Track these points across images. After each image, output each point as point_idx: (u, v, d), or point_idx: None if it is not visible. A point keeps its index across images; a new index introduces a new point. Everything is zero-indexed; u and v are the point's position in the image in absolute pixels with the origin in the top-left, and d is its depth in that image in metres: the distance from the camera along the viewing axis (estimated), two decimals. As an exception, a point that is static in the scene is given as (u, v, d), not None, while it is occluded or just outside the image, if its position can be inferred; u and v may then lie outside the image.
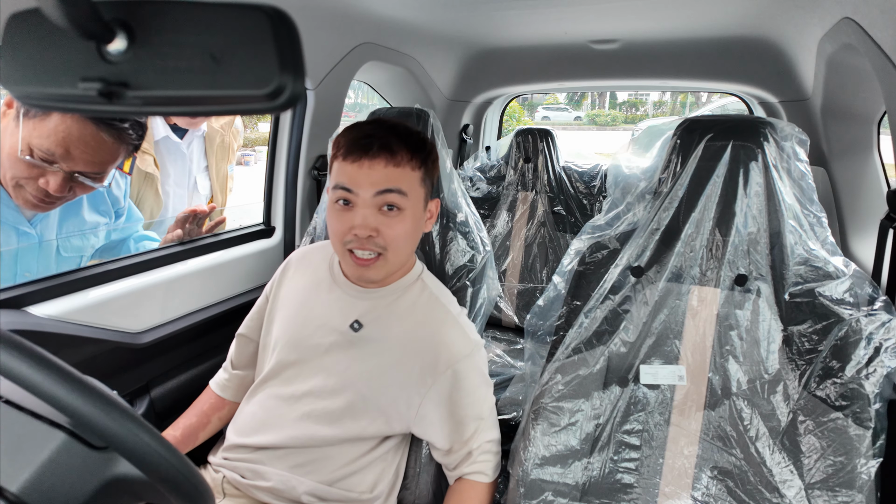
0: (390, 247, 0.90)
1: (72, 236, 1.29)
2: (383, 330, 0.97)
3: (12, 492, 0.46)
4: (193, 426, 1.07)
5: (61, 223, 1.26)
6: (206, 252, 1.34)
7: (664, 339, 1.07)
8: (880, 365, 0.91)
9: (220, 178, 2.10)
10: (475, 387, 0.98)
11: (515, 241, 2.21)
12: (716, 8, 1.37)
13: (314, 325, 0.99)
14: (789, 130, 1.06)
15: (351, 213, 0.89)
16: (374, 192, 0.87)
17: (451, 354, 0.95)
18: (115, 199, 1.38)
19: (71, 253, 1.30)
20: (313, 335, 0.99)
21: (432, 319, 0.98)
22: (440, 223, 1.26)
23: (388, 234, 0.89)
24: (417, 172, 0.92)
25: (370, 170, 0.87)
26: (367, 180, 0.87)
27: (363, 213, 0.87)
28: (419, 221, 0.95)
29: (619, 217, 1.18)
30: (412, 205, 0.91)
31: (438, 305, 1.00)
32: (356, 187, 0.88)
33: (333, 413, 0.96)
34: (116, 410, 0.50)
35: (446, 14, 1.49)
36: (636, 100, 24.59)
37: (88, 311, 1.04)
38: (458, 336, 0.97)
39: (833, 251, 1.03)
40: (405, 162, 0.89)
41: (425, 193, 0.95)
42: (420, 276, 1.03)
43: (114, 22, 0.37)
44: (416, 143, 0.92)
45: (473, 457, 0.98)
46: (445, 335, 0.96)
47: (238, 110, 0.39)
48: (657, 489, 1.01)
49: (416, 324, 0.97)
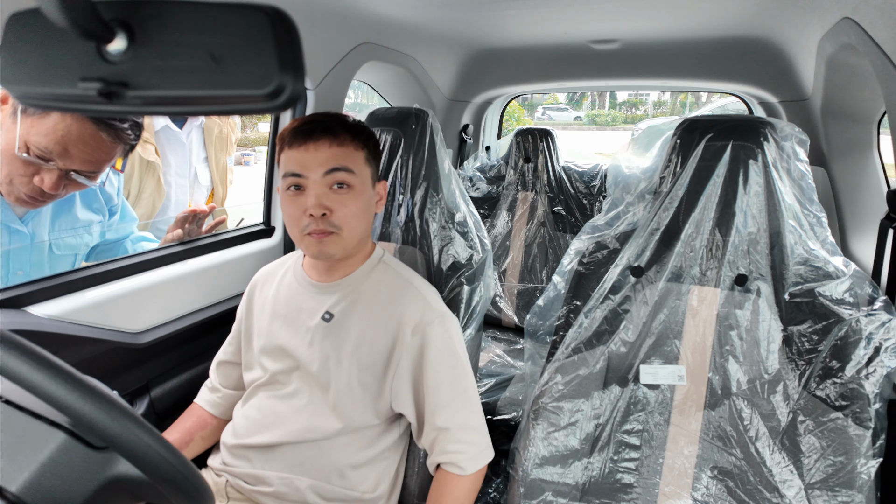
0: (344, 225, 0.93)
1: (65, 235, 1.29)
2: (353, 315, 0.99)
3: (12, 492, 0.46)
4: (176, 443, 1.07)
5: (54, 221, 1.26)
6: (206, 252, 1.34)
7: (664, 338, 1.07)
8: (880, 365, 0.91)
9: (220, 169, 2.11)
10: (440, 358, 0.97)
11: (515, 241, 2.21)
12: (716, 8, 1.37)
13: (291, 329, 1.02)
14: (789, 130, 1.06)
15: (303, 196, 0.92)
16: (322, 171, 0.91)
17: (414, 323, 0.96)
18: (108, 196, 1.38)
19: (64, 251, 1.29)
20: (292, 338, 1.01)
21: (395, 294, 1.00)
22: (439, 223, 1.26)
23: (341, 211, 0.92)
24: (361, 152, 0.96)
25: (316, 151, 0.91)
26: (314, 161, 0.91)
27: (315, 194, 0.91)
28: (369, 200, 0.98)
29: (619, 217, 1.18)
30: (360, 182, 0.95)
31: (400, 279, 1.02)
32: (305, 170, 0.91)
33: (327, 404, 0.98)
34: (116, 411, 0.50)
35: (446, 14, 1.49)
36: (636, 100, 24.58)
37: (88, 311, 1.04)
38: (420, 305, 0.98)
39: (833, 251, 1.03)
40: (348, 142, 0.93)
41: (371, 173, 0.99)
42: (381, 259, 1.06)
43: (114, 22, 0.37)
44: (356, 126, 0.97)
45: (443, 444, 0.97)
46: (407, 305, 0.98)
47: (238, 110, 0.39)
48: (657, 489, 1.01)
49: (381, 301, 0.99)
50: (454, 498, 0.96)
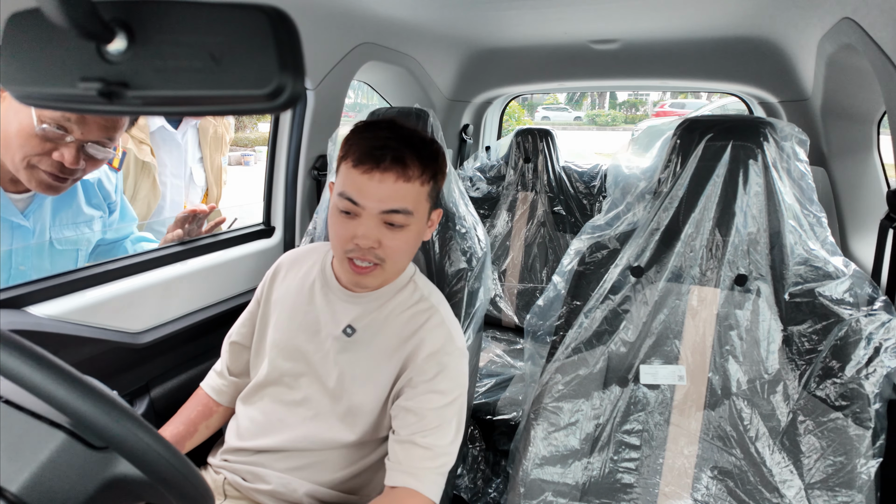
0: (389, 258, 0.90)
1: (65, 228, 1.28)
2: (375, 333, 0.96)
3: (12, 492, 0.46)
4: (181, 434, 1.05)
5: (55, 216, 1.26)
6: (206, 252, 1.34)
7: (664, 339, 1.07)
8: (880, 365, 0.91)
9: (215, 169, 2.11)
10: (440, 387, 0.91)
11: (515, 241, 2.21)
12: (716, 8, 1.37)
13: (309, 331, 0.99)
14: (789, 130, 1.06)
15: (354, 222, 0.87)
16: (380, 209, 0.85)
17: (431, 351, 0.92)
18: (107, 192, 1.38)
19: (66, 246, 1.29)
20: (309, 341, 0.98)
21: (419, 318, 0.96)
22: (441, 223, 1.26)
23: (390, 246, 0.88)
24: (426, 187, 0.90)
25: (380, 184, 0.84)
26: (375, 195, 0.85)
27: (367, 225, 0.86)
28: (421, 232, 0.94)
29: (619, 217, 1.18)
30: (417, 220, 0.90)
31: (426, 304, 0.99)
32: (362, 200, 0.85)
33: (333, 417, 0.96)
34: (116, 411, 0.50)
35: (446, 14, 1.49)
36: (636, 100, 24.59)
37: (88, 311, 1.04)
38: (443, 336, 0.94)
39: (833, 251, 1.03)
40: (416, 177, 0.87)
41: (430, 206, 0.94)
42: (412, 277, 1.02)
43: (114, 22, 0.37)
44: (430, 154, 0.90)
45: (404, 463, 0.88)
46: (429, 333, 0.94)
47: (238, 110, 0.39)
48: (657, 489, 1.01)
49: (404, 323, 0.96)
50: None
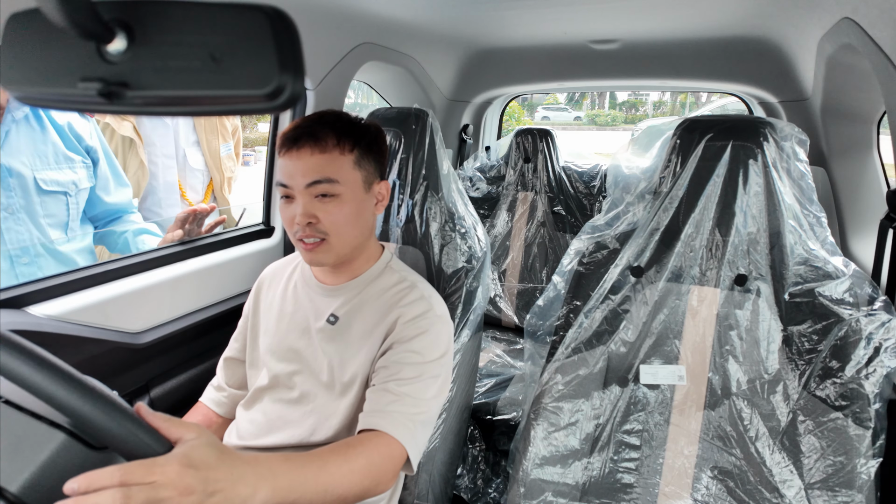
0: (332, 232, 0.92)
1: (48, 169, 1.28)
2: (357, 317, 0.98)
3: (12, 492, 0.46)
4: None
5: (33, 154, 1.25)
6: (206, 252, 1.34)
7: (664, 339, 1.07)
8: (880, 365, 0.91)
9: (213, 154, 2.10)
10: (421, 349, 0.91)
11: (515, 241, 2.21)
12: (716, 8, 1.37)
13: (298, 330, 1.02)
14: (789, 130, 1.06)
15: (292, 205, 0.92)
16: (304, 183, 0.90)
17: (408, 318, 0.94)
18: (80, 136, 1.37)
19: (52, 188, 1.29)
20: (299, 339, 1.01)
21: (399, 296, 0.98)
22: (439, 223, 1.26)
23: (327, 220, 0.91)
24: (348, 156, 0.92)
25: (298, 160, 0.90)
26: (297, 171, 0.90)
27: (300, 203, 0.90)
28: (361, 205, 0.95)
29: (618, 217, 1.18)
30: (348, 189, 0.92)
31: (405, 283, 1.01)
32: (290, 180, 0.91)
33: (333, 406, 0.97)
34: (116, 411, 0.50)
35: (446, 14, 1.49)
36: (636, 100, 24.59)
37: (88, 311, 1.04)
38: (422, 307, 0.96)
39: (833, 251, 1.03)
40: (331, 147, 0.90)
41: (363, 176, 0.95)
42: (388, 264, 1.04)
43: (114, 22, 0.37)
44: (345, 126, 0.93)
45: (373, 405, 0.86)
46: (409, 306, 0.96)
47: (238, 110, 0.39)
48: (657, 489, 1.01)
49: (385, 303, 0.98)
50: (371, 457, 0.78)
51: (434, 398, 0.91)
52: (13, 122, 1.24)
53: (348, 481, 0.73)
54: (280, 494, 0.63)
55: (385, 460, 0.80)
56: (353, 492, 0.74)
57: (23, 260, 1.26)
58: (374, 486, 0.78)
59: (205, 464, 0.55)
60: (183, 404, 1.20)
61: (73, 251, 1.36)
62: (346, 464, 0.74)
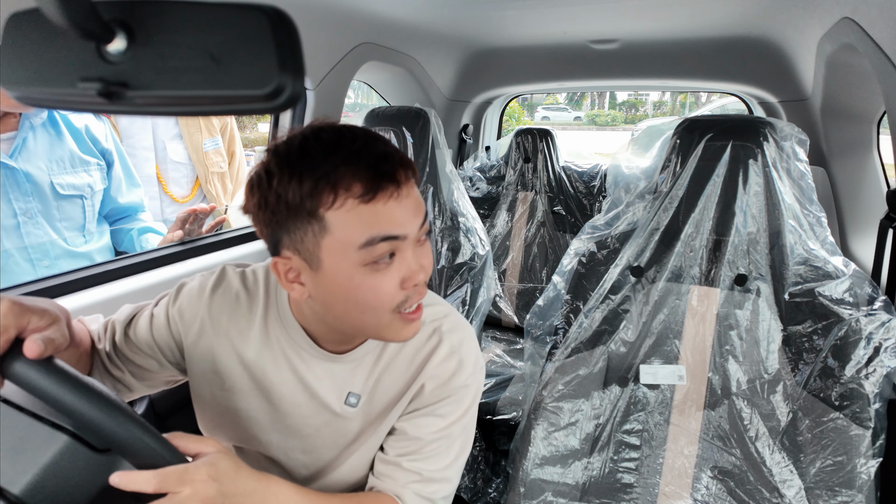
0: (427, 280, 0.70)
1: (64, 173, 1.30)
2: (379, 392, 0.78)
3: (14, 494, 0.46)
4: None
5: (49, 159, 1.27)
6: (207, 252, 1.34)
7: (664, 338, 1.07)
8: (880, 365, 0.91)
9: (196, 148, 2.10)
10: (441, 411, 0.76)
11: (515, 241, 2.21)
12: (716, 8, 1.37)
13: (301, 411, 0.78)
14: (789, 130, 1.06)
15: (394, 265, 0.64)
16: (419, 223, 0.65)
17: (435, 384, 0.76)
18: (96, 139, 1.40)
19: (69, 191, 1.31)
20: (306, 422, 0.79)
21: (425, 354, 0.77)
22: (440, 223, 1.26)
23: (428, 266, 0.68)
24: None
25: (408, 199, 0.63)
26: (409, 213, 0.63)
27: (417, 253, 0.66)
28: None
29: (618, 217, 1.18)
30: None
31: (430, 331, 0.78)
32: (404, 229, 0.63)
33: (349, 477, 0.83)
34: (118, 412, 0.50)
35: (446, 14, 1.49)
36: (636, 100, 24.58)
37: (89, 312, 1.04)
38: (451, 366, 0.77)
39: (833, 251, 1.03)
40: (412, 173, 0.67)
41: None
42: None
43: (114, 22, 0.37)
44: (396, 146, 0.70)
45: (387, 481, 0.75)
46: (434, 367, 0.76)
47: (238, 110, 0.39)
48: (657, 489, 1.01)
49: (410, 367, 0.77)
50: None
51: (455, 461, 0.77)
52: (31, 129, 1.25)
53: None
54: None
55: None
56: None
57: (43, 263, 1.28)
58: None
59: (227, 476, 0.58)
60: (183, 404, 1.19)
61: (93, 251, 1.39)
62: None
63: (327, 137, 0.62)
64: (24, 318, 0.53)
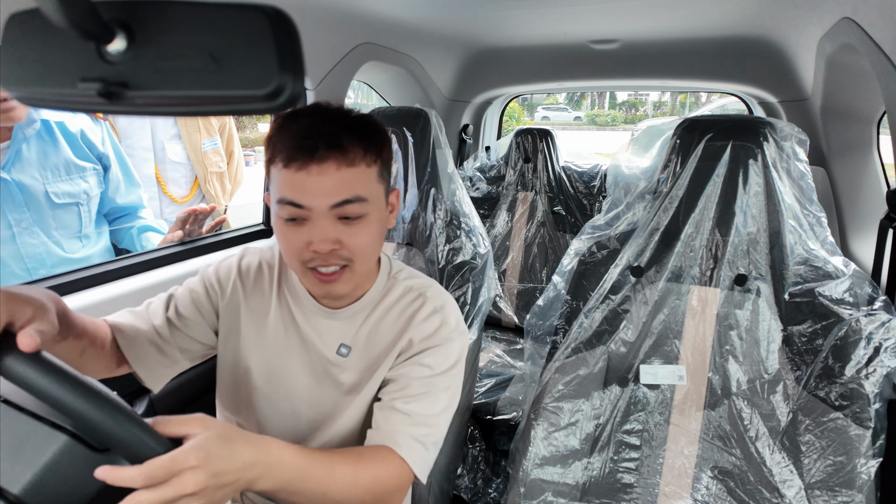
0: (356, 257, 0.78)
1: (60, 181, 1.28)
2: (370, 345, 0.87)
3: (14, 494, 0.46)
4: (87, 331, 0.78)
5: (43, 168, 1.26)
6: (207, 252, 1.34)
7: (664, 338, 1.07)
8: (880, 365, 0.91)
9: (195, 147, 2.09)
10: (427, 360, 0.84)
11: (515, 241, 2.21)
12: (715, 8, 1.37)
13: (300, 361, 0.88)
14: (789, 130, 1.06)
15: (305, 228, 0.75)
16: (329, 204, 0.73)
17: (420, 337, 0.85)
18: (92, 143, 1.38)
19: (64, 200, 1.30)
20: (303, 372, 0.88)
21: (410, 312, 0.88)
22: (441, 222, 1.26)
23: (353, 243, 0.76)
24: (374, 168, 0.77)
25: (321, 177, 0.72)
26: (318, 190, 0.72)
27: (320, 227, 0.74)
28: (384, 221, 0.82)
29: (618, 217, 1.18)
30: (374, 207, 0.78)
31: (413, 294, 0.89)
32: (307, 200, 0.73)
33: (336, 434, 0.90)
34: (117, 412, 0.50)
35: (446, 14, 1.49)
36: (636, 100, 24.59)
37: (89, 312, 1.04)
38: (435, 322, 0.86)
39: (833, 251, 1.03)
40: (360, 159, 0.74)
41: (385, 188, 0.82)
42: (391, 273, 0.92)
43: (113, 22, 0.37)
44: (368, 131, 0.77)
45: (383, 427, 0.80)
46: (419, 323, 0.86)
47: (238, 110, 0.39)
48: (657, 489, 1.01)
49: (397, 323, 0.88)
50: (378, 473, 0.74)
51: (443, 412, 0.84)
52: (24, 140, 1.25)
53: (350, 492, 0.71)
54: (281, 485, 0.63)
55: (393, 481, 0.76)
56: (352, 503, 0.72)
57: (40, 272, 1.28)
58: (376, 502, 0.75)
59: (219, 457, 0.56)
60: (183, 404, 1.19)
61: (90, 255, 1.38)
62: (352, 475, 0.71)
63: (305, 111, 0.76)
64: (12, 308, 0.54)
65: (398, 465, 0.77)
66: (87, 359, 0.77)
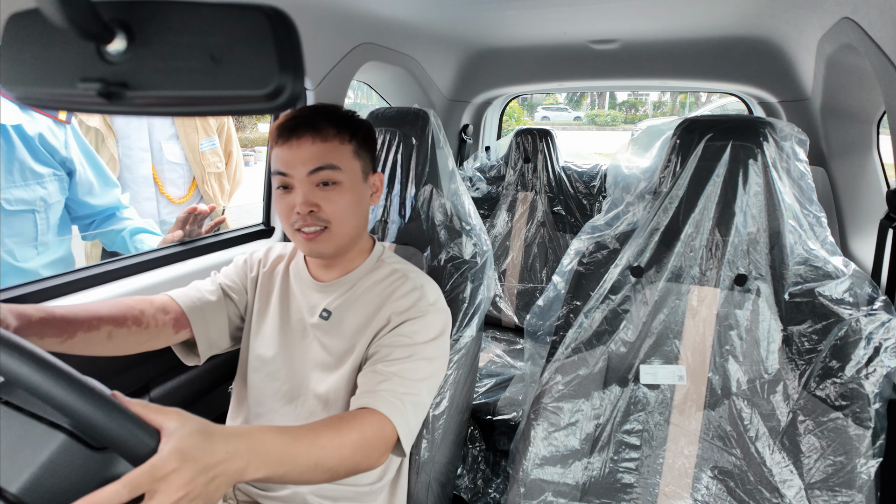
0: (334, 220, 0.92)
1: (13, 188, 1.23)
2: (349, 312, 0.98)
3: (12, 492, 0.46)
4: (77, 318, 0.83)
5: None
6: (207, 252, 1.34)
7: (664, 338, 1.07)
8: (880, 365, 0.91)
9: (192, 148, 2.09)
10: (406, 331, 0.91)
11: (515, 241, 2.21)
12: (715, 8, 1.37)
13: (293, 325, 1.02)
14: (789, 130, 1.06)
15: (291, 194, 0.92)
16: (306, 171, 0.90)
17: (399, 310, 0.94)
18: (53, 148, 1.33)
19: (17, 206, 1.25)
20: (295, 335, 1.01)
21: (391, 289, 0.98)
22: (441, 222, 1.26)
23: (329, 208, 0.91)
24: (348, 146, 0.93)
25: (299, 149, 0.90)
26: (298, 160, 0.90)
27: (301, 192, 0.90)
28: (361, 195, 0.96)
29: (618, 217, 1.18)
30: (348, 178, 0.93)
31: (397, 275, 1.00)
32: (290, 169, 0.90)
33: (324, 403, 0.97)
34: (116, 412, 0.50)
35: (446, 14, 1.49)
36: (636, 100, 24.60)
37: (88, 312, 1.04)
38: (415, 298, 0.96)
39: (833, 251, 1.03)
40: (332, 136, 0.91)
41: (362, 166, 0.96)
42: (380, 257, 1.04)
43: (113, 22, 0.37)
44: (342, 118, 0.94)
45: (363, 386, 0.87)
46: (401, 299, 0.96)
47: (238, 110, 0.39)
48: (657, 489, 1.02)
49: (377, 296, 0.98)
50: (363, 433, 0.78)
51: (425, 380, 0.90)
52: None
53: (339, 455, 0.73)
54: (271, 467, 0.64)
55: (376, 436, 0.80)
56: (345, 465, 0.75)
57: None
58: (365, 460, 0.78)
59: (199, 451, 0.55)
60: (183, 404, 1.19)
61: (41, 265, 1.33)
62: (337, 438, 0.74)
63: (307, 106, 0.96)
64: None
65: (378, 420, 0.82)
66: (120, 339, 0.89)
